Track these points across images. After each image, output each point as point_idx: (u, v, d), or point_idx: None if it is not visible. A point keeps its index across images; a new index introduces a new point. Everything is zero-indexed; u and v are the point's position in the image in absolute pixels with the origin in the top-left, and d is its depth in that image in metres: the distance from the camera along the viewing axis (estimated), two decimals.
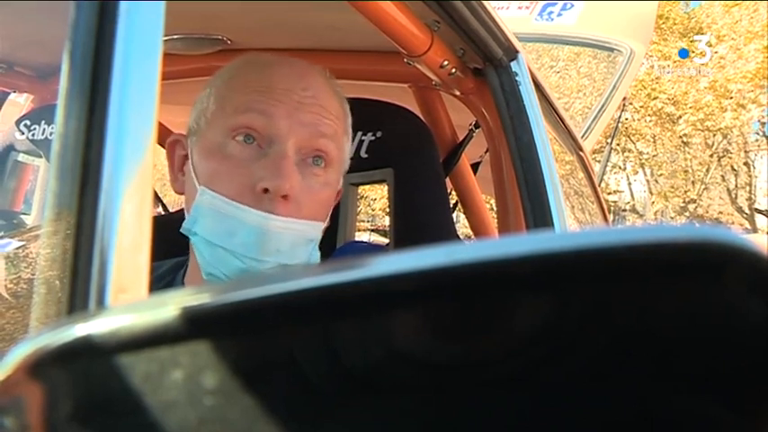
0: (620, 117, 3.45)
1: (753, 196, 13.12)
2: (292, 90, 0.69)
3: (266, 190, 0.65)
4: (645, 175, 13.68)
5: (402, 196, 0.98)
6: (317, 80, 0.73)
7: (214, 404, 0.25)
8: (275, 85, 0.70)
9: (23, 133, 1.18)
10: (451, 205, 1.33)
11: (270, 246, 0.65)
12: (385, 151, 0.98)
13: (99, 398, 0.26)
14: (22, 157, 1.26)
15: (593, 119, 2.69)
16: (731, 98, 10.87)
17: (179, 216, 0.72)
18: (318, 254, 0.71)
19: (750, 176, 13.10)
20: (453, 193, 1.36)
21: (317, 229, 0.70)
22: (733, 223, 12.96)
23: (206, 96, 0.72)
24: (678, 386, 0.23)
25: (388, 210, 1.03)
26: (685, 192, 12.98)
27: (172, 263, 0.78)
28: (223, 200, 0.66)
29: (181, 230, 0.68)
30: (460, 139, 1.28)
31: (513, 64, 1.04)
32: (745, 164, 12.94)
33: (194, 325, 0.24)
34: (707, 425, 0.23)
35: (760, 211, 12.97)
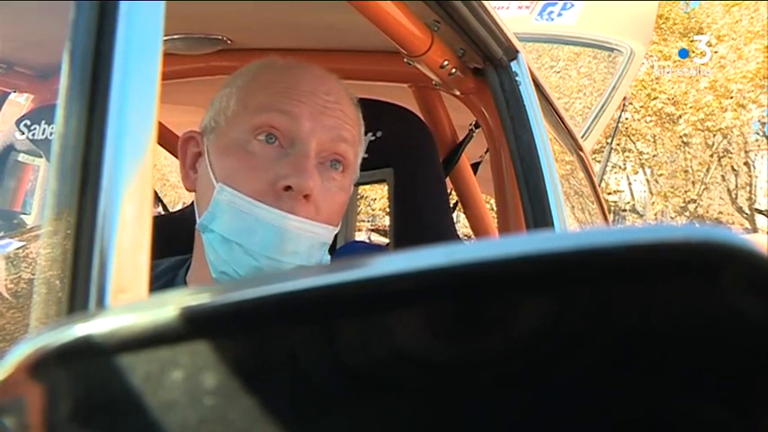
0: (620, 117, 3.45)
1: (753, 196, 13.13)
2: (315, 93, 0.70)
3: (288, 188, 0.65)
4: (645, 175, 13.68)
5: (402, 196, 0.98)
6: (337, 86, 0.73)
7: (214, 404, 0.25)
8: (298, 86, 0.70)
9: (23, 133, 1.18)
10: (452, 205, 1.33)
11: (288, 246, 0.65)
12: (385, 151, 0.98)
13: (99, 398, 0.26)
14: (22, 157, 1.26)
15: (594, 119, 2.69)
16: (731, 98, 10.86)
17: (179, 216, 0.72)
18: (329, 257, 0.71)
19: (750, 176, 13.11)
20: (453, 192, 1.36)
21: (331, 233, 0.70)
22: (733, 223, 12.96)
23: (226, 95, 0.72)
24: (678, 386, 0.23)
25: (388, 210, 1.03)
26: (685, 192, 12.98)
27: (171, 261, 0.78)
28: (243, 197, 0.65)
29: (197, 226, 0.68)
30: (460, 138, 1.28)
31: (513, 64, 1.04)
32: (746, 164, 12.94)
33: (194, 325, 0.24)
34: (706, 425, 0.23)
35: (760, 211, 12.97)
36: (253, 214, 0.65)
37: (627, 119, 11.42)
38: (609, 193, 12.75)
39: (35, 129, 1.17)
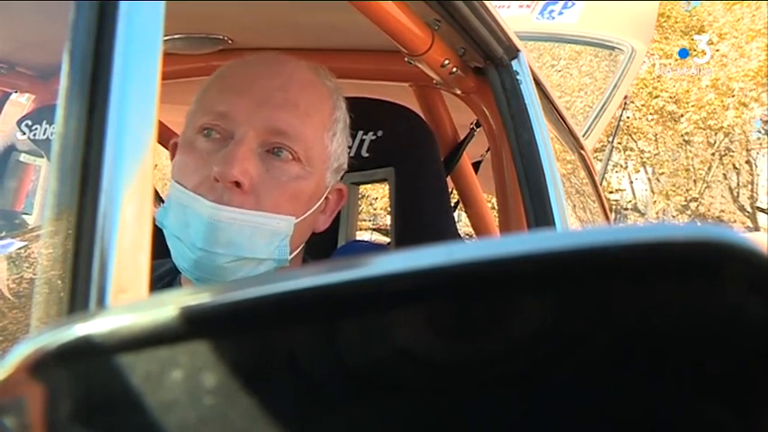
0: (621, 116, 3.44)
1: (755, 194, 13.12)
2: (257, 83, 0.70)
3: (217, 179, 0.65)
4: (646, 173, 13.67)
5: (403, 195, 0.98)
6: (292, 73, 0.72)
7: (214, 404, 0.25)
8: (241, 78, 0.71)
9: (25, 133, 1.18)
10: (453, 204, 1.33)
11: (221, 237, 0.64)
12: (386, 150, 0.98)
13: (99, 398, 0.26)
14: (23, 157, 1.26)
15: (595, 117, 2.69)
16: (733, 96, 10.85)
17: None
18: (288, 249, 0.69)
19: (752, 175, 13.10)
20: (455, 192, 1.36)
21: (283, 222, 0.68)
22: (735, 222, 12.96)
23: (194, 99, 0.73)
24: (678, 386, 0.23)
25: (389, 209, 1.03)
26: (687, 190, 12.97)
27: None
28: (182, 191, 0.67)
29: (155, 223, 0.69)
30: (461, 138, 1.28)
31: (514, 63, 1.04)
32: (747, 162, 12.93)
33: (194, 325, 0.24)
34: (706, 425, 0.23)
35: (762, 210, 12.95)
36: (188, 206, 0.66)
37: (628, 117, 11.40)
38: (610, 192, 12.73)
39: (36, 129, 1.17)
